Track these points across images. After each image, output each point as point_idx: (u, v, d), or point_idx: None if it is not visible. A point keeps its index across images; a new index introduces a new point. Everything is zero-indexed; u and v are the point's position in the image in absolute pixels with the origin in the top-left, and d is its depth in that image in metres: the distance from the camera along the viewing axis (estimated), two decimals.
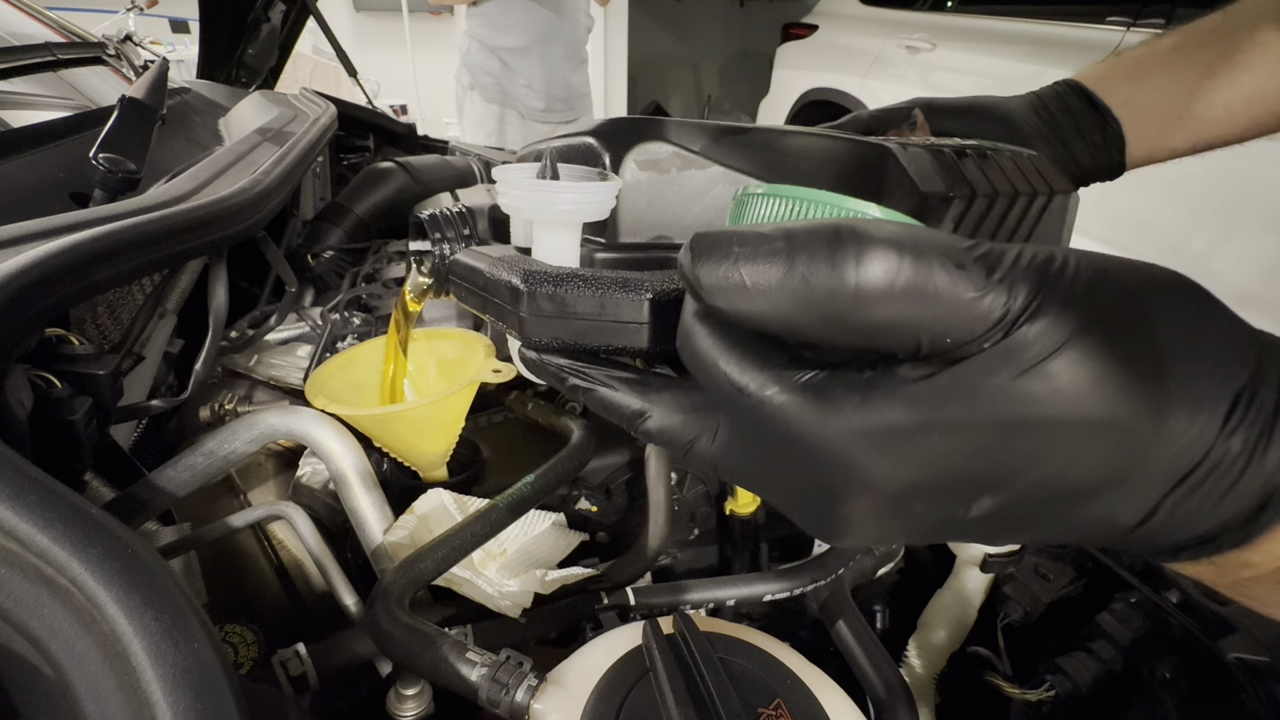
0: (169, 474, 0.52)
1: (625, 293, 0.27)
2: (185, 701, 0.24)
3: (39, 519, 0.26)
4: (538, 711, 0.37)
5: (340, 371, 0.64)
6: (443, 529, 0.51)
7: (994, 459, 0.17)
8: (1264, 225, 1.82)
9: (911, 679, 0.69)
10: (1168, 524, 0.18)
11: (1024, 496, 0.18)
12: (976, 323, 0.17)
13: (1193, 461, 0.17)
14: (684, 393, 0.24)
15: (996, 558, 0.66)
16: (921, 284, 0.17)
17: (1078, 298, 0.16)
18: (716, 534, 0.74)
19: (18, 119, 0.74)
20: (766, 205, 0.24)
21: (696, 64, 6.02)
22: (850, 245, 0.17)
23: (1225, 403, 0.17)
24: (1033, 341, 0.16)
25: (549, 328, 0.28)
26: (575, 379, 0.27)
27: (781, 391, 0.19)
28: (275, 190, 0.67)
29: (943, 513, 0.19)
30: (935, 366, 0.18)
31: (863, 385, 0.18)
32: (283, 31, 1.51)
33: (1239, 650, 0.52)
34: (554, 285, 0.27)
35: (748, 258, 0.18)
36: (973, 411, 0.17)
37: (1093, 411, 0.16)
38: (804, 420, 0.19)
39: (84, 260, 0.41)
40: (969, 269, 0.17)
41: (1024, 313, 0.16)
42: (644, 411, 0.24)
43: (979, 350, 0.17)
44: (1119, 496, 0.18)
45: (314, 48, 3.48)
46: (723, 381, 0.20)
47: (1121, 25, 2.18)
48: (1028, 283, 0.17)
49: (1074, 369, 0.16)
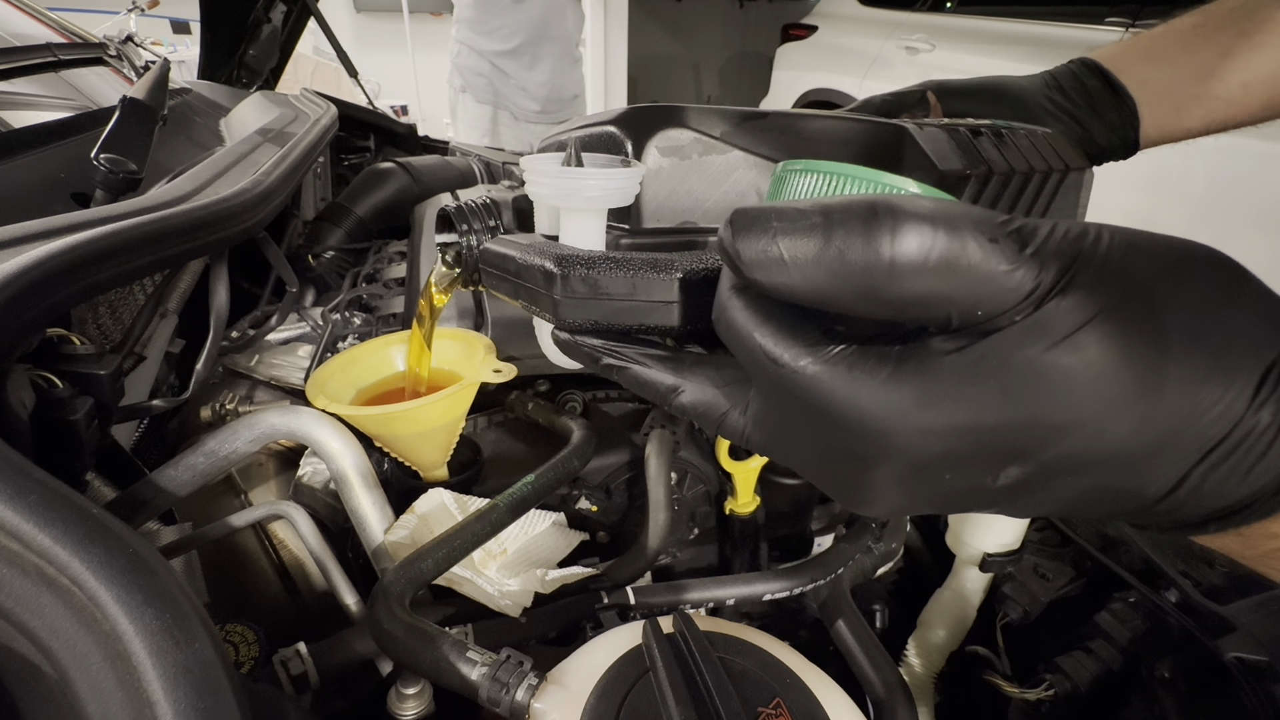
0: (170, 474, 0.52)
1: (656, 273, 0.28)
2: (186, 701, 0.24)
3: (40, 519, 0.27)
4: (538, 711, 0.37)
5: (341, 371, 0.65)
6: (443, 528, 0.51)
7: (1023, 430, 0.18)
8: (1264, 225, 1.82)
9: (911, 678, 0.69)
10: (1195, 495, 0.18)
11: (1051, 467, 0.18)
12: (1008, 296, 0.17)
13: (1222, 433, 0.17)
14: (716, 368, 0.24)
15: (996, 557, 0.66)
16: (955, 258, 0.17)
17: (1110, 272, 0.17)
18: (716, 534, 0.74)
19: (19, 119, 0.74)
20: (804, 181, 0.24)
21: (696, 64, 6.02)
22: (886, 220, 0.17)
23: (1256, 375, 0.17)
24: (1064, 315, 0.17)
25: (583, 309, 0.28)
26: (609, 358, 0.27)
27: (815, 362, 0.20)
28: (276, 191, 0.67)
29: (970, 482, 0.19)
30: (967, 339, 0.18)
31: (895, 357, 0.19)
32: (283, 32, 1.51)
33: (1238, 650, 0.52)
34: (587, 268, 0.28)
35: (786, 232, 0.19)
36: (1003, 383, 0.17)
37: (1122, 384, 0.17)
38: (836, 391, 0.19)
39: (85, 260, 0.41)
40: (1002, 243, 0.17)
41: (1055, 287, 0.17)
42: (677, 386, 0.25)
43: (1010, 323, 0.17)
44: (1147, 467, 0.18)
45: (315, 48, 3.49)
46: (757, 353, 0.21)
47: (1121, 25, 2.18)
48: (1059, 257, 0.17)
49: (1104, 342, 0.16)
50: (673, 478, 0.67)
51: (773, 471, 0.70)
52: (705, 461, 0.70)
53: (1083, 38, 2.28)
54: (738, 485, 0.68)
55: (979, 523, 0.66)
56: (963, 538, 0.68)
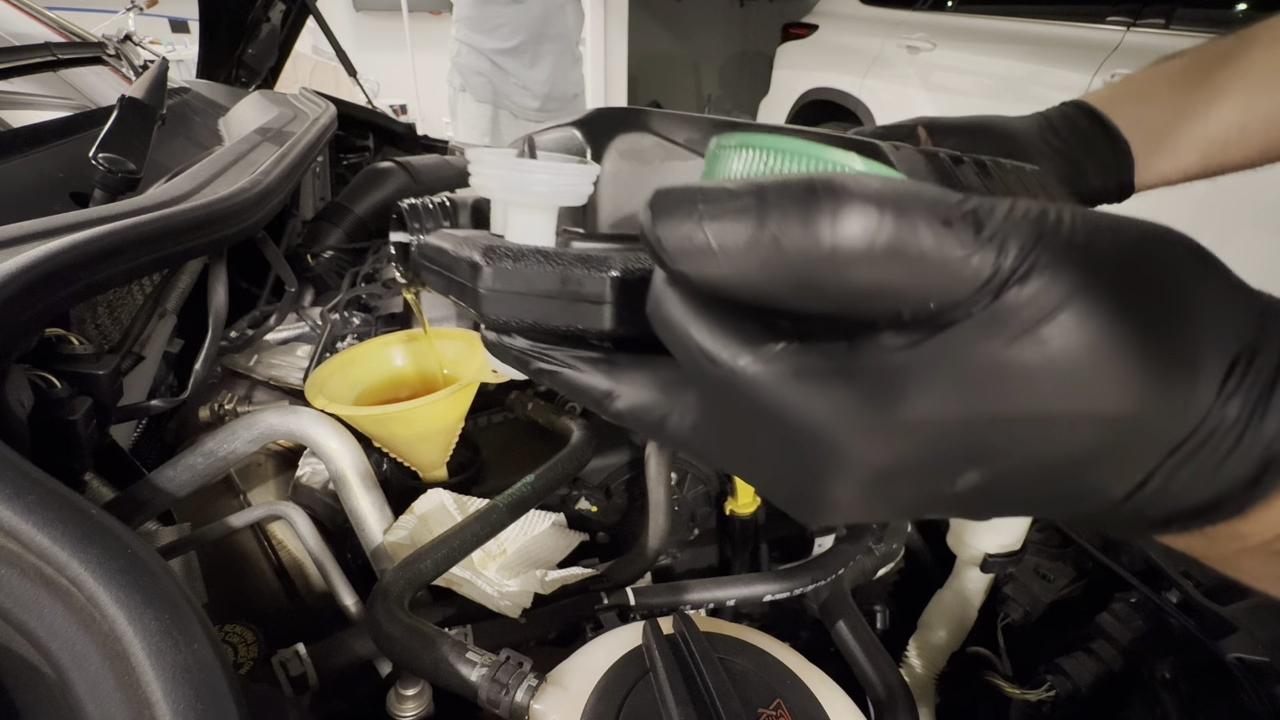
0: (169, 474, 0.52)
1: (589, 269, 0.26)
2: (185, 701, 0.24)
3: (39, 519, 0.26)
4: (538, 712, 0.37)
5: (340, 371, 0.64)
6: (443, 529, 0.51)
7: (982, 432, 0.16)
8: (1264, 226, 1.82)
9: (911, 679, 0.69)
10: (1160, 495, 0.17)
11: (1012, 471, 0.17)
12: (963, 285, 0.15)
13: (1188, 429, 0.16)
14: (653, 370, 0.23)
15: (997, 558, 0.66)
16: (903, 244, 0.15)
17: (1074, 257, 0.15)
18: (716, 534, 0.74)
19: (18, 119, 0.74)
20: (739, 159, 0.21)
21: (696, 64, 6.02)
22: (826, 201, 0.16)
23: (1223, 367, 0.16)
24: (1025, 304, 0.15)
25: (508, 305, 0.26)
26: (539, 362, 0.25)
27: (755, 362, 0.18)
28: (275, 190, 0.67)
29: (927, 489, 0.18)
30: (919, 334, 0.16)
31: (841, 355, 0.17)
32: (282, 31, 1.51)
33: (1239, 650, 0.52)
34: (514, 260, 0.26)
35: (713, 216, 0.17)
36: (960, 382, 0.16)
37: (1088, 382, 0.15)
38: (778, 394, 0.18)
39: (84, 260, 0.41)
40: (956, 226, 0.15)
41: (1015, 273, 0.15)
42: (612, 391, 0.23)
43: (966, 315, 0.16)
44: (1111, 467, 0.17)
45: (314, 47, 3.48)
46: (694, 351, 0.19)
47: (1121, 25, 2.18)
48: (1019, 239, 0.15)
49: (1069, 335, 0.15)
50: (673, 478, 0.67)
51: None
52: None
53: (1083, 37, 2.28)
54: (738, 485, 0.68)
55: (980, 523, 0.66)
56: (964, 538, 0.68)
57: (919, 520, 0.80)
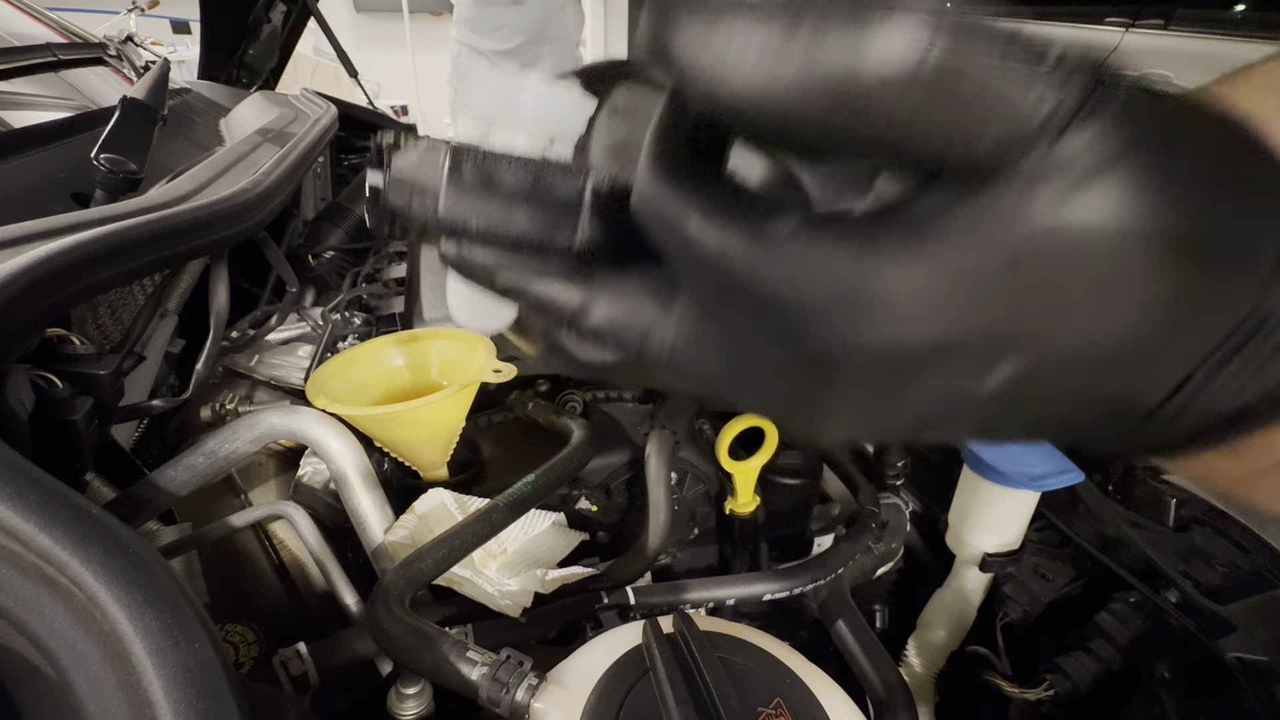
0: (170, 474, 0.52)
1: (563, 172, 0.24)
2: (186, 701, 0.24)
3: (40, 519, 0.27)
4: (538, 710, 0.37)
5: (341, 371, 0.65)
6: (443, 528, 0.51)
7: (1025, 308, 0.15)
8: None
9: (911, 678, 0.69)
10: (1196, 398, 0.15)
11: (1049, 361, 0.15)
12: (1020, 123, 0.13)
13: (1236, 318, 0.14)
14: (635, 277, 0.20)
15: (996, 557, 0.66)
16: (958, 67, 0.13)
17: (1135, 102, 0.13)
18: (716, 533, 0.74)
19: (19, 119, 0.74)
20: None
21: None
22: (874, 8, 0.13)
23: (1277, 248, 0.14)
24: (1083, 152, 0.13)
25: (469, 206, 0.24)
26: (504, 275, 0.23)
27: (761, 243, 0.16)
28: (276, 191, 0.67)
29: (955, 385, 0.16)
30: (958, 190, 0.14)
31: (865, 225, 0.15)
32: (283, 32, 1.51)
33: (1238, 650, 0.52)
34: (482, 156, 0.24)
35: (737, 14, 0.14)
36: (1003, 250, 0.14)
37: (1138, 252, 0.14)
38: (792, 273, 0.15)
39: (85, 260, 0.41)
40: (1016, 53, 0.13)
41: (1076, 113, 0.13)
42: (586, 304, 0.20)
43: (1017, 164, 0.14)
44: (1147, 365, 0.15)
45: (315, 48, 3.49)
46: (687, 234, 0.16)
47: (1121, 26, 2.18)
48: (1082, 76, 0.13)
49: (1128, 191, 0.13)
50: (673, 478, 0.67)
51: (773, 471, 0.70)
52: (705, 461, 0.70)
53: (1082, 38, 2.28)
54: (738, 485, 0.68)
55: (979, 522, 0.66)
56: (963, 538, 0.68)
57: (922, 519, 0.80)
